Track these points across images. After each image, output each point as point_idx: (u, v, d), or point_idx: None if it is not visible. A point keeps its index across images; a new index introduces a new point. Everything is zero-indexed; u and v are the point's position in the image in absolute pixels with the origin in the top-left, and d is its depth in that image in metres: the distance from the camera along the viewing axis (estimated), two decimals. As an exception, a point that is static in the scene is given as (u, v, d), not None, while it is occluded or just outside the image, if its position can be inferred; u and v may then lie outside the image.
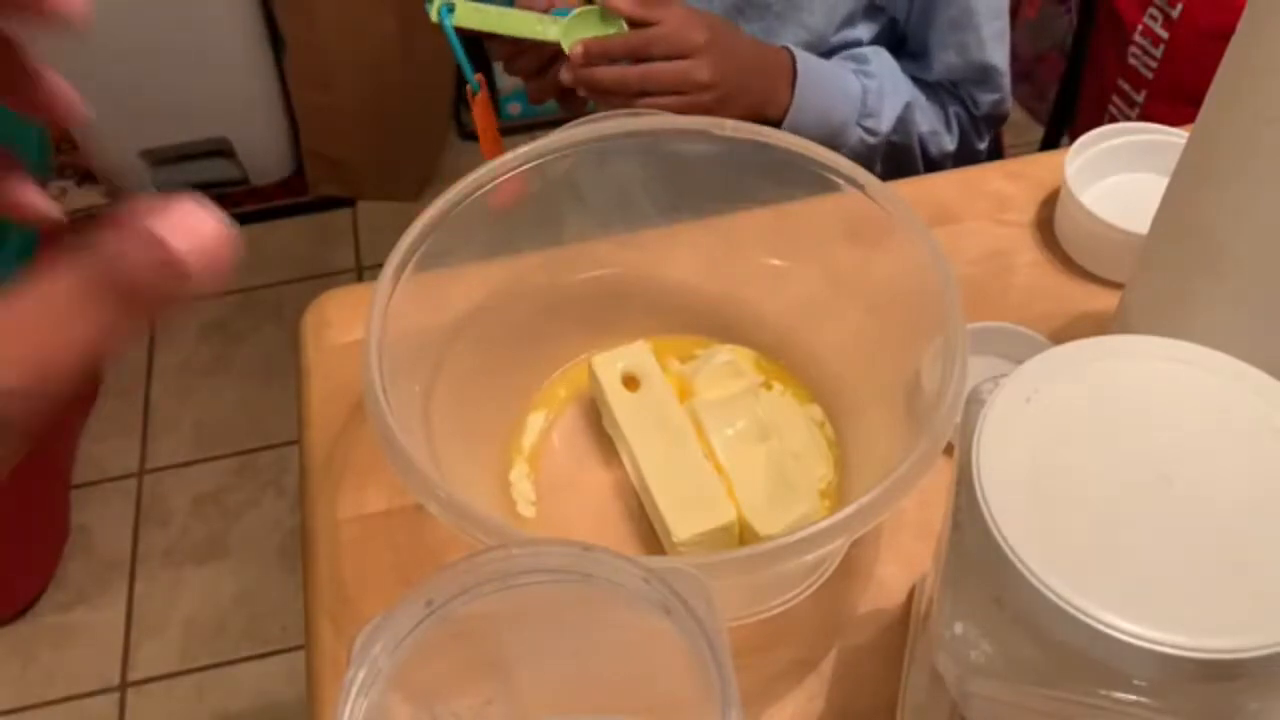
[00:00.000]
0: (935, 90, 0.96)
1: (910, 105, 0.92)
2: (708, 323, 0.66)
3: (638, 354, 0.62)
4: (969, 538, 0.36)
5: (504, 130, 0.88)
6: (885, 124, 0.91)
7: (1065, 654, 0.34)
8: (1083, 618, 0.32)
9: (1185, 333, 0.40)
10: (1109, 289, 0.70)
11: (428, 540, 0.59)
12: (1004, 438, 0.37)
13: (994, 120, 0.99)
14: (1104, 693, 0.34)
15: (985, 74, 0.94)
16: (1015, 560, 0.34)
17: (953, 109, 0.96)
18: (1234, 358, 0.38)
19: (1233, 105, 0.50)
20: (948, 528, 0.39)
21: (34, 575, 1.53)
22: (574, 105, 0.87)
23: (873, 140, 0.91)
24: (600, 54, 0.81)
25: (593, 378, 0.62)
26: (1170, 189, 0.56)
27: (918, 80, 0.95)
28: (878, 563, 0.58)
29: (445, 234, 0.56)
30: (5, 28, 0.28)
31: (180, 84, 1.77)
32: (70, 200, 1.95)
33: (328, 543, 0.61)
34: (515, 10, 0.84)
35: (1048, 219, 0.75)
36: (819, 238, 0.62)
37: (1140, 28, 1.39)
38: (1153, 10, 1.36)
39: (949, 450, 0.42)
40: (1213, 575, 0.33)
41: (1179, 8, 1.32)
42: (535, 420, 0.63)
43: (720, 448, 0.59)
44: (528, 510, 0.60)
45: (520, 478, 0.61)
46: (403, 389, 0.52)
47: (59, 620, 1.50)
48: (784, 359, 0.64)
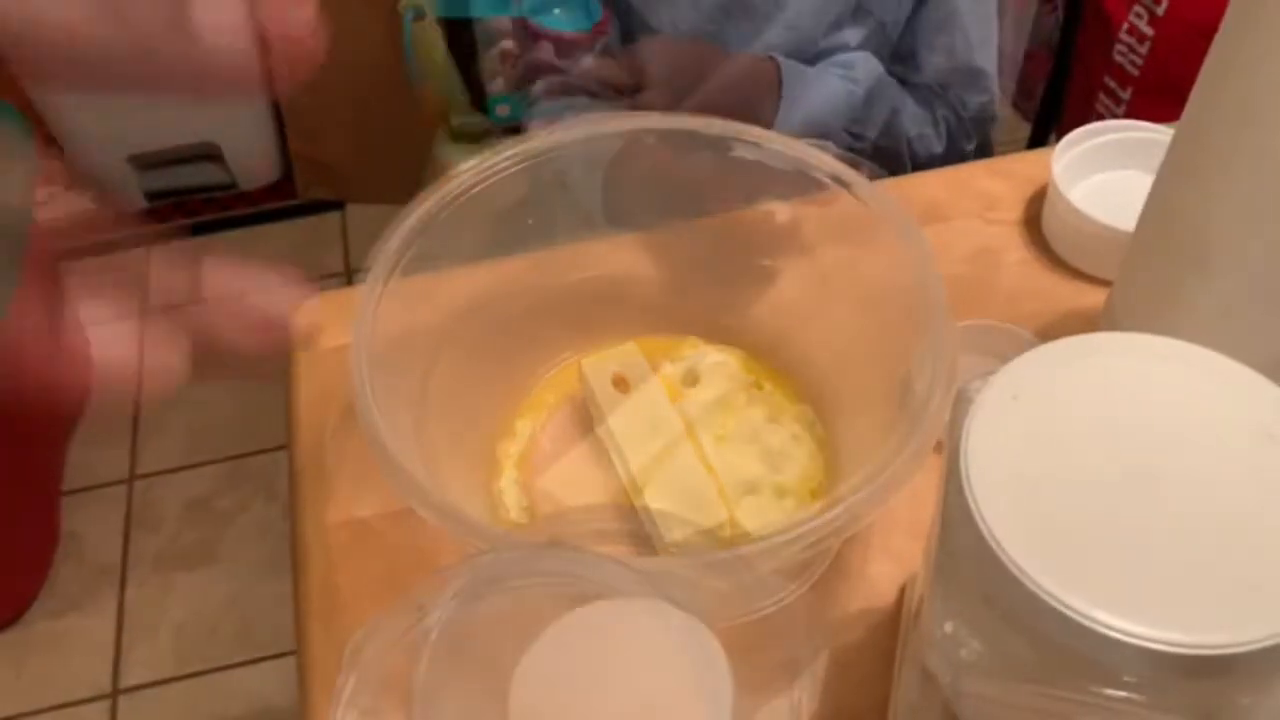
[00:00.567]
0: (923, 93, 0.96)
1: (897, 110, 0.93)
2: (697, 324, 0.66)
3: (628, 356, 0.62)
4: (958, 536, 0.36)
5: (492, 132, 0.88)
6: (872, 130, 0.91)
7: (1056, 651, 0.34)
8: (1072, 615, 0.32)
9: (1172, 329, 0.40)
10: (1097, 286, 0.70)
11: (418, 545, 0.59)
12: (993, 435, 0.37)
13: (982, 121, 0.99)
14: (1095, 689, 0.34)
15: (973, 76, 0.95)
16: (1004, 558, 0.34)
17: (941, 112, 0.96)
18: (1221, 354, 0.38)
19: (1216, 102, 0.50)
20: (937, 526, 0.39)
21: (25, 582, 1.52)
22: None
23: (860, 145, 0.91)
24: None
25: (583, 380, 0.62)
26: (1156, 186, 0.56)
27: (906, 83, 0.95)
28: (869, 561, 0.58)
29: (431, 237, 0.56)
30: None
31: (167, 88, 1.77)
32: (58, 205, 1.94)
33: (318, 547, 0.61)
34: None
35: (1035, 217, 0.75)
36: (807, 238, 0.62)
37: (1126, 25, 1.39)
38: (1138, 8, 1.37)
39: (939, 448, 0.42)
40: (1202, 571, 0.33)
41: (1164, 5, 1.33)
42: (524, 425, 0.63)
43: (710, 448, 0.59)
44: (518, 514, 0.60)
45: (510, 483, 0.61)
46: (391, 393, 0.52)
47: (50, 627, 1.50)
48: (774, 359, 0.64)
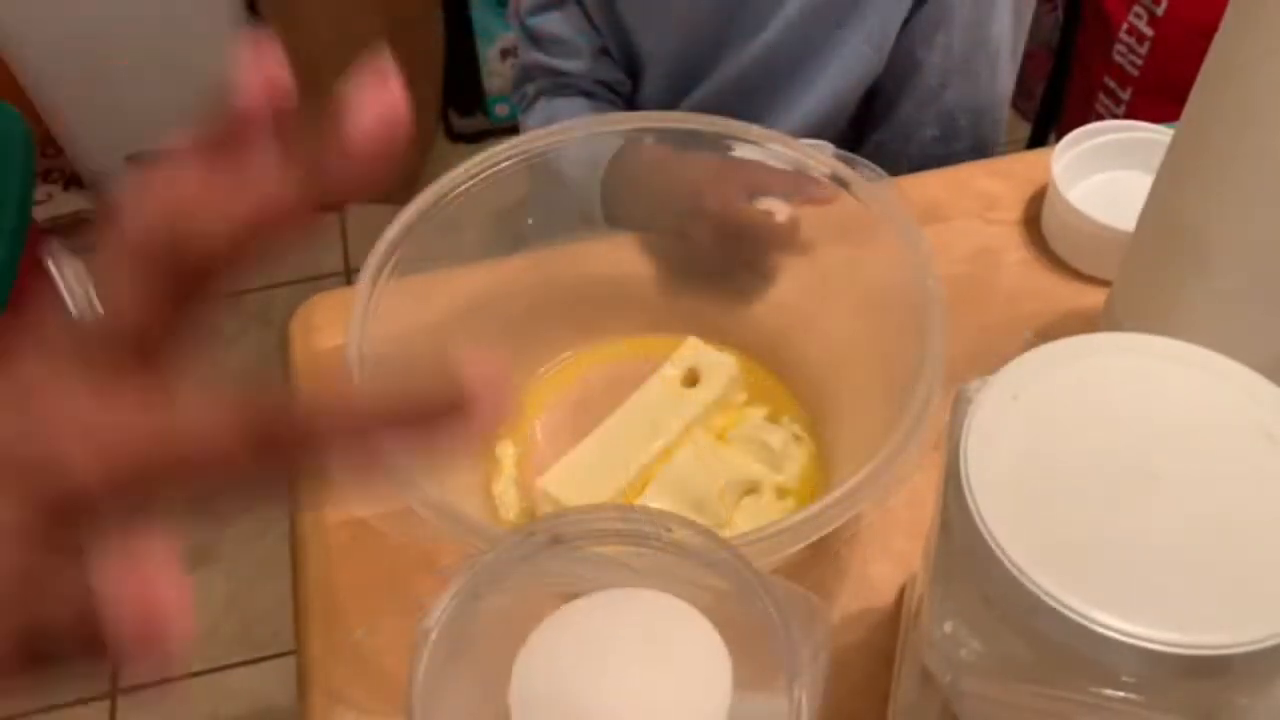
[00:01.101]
0: (922, 92, 0.95)
1: (897, 109, 0.92)
2: (697, 324, 0.65)
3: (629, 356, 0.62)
4: (957, 536, 0.36)
5: (492, 132, 0.88)
6: (872, 127, 0.91)
7: (1054, 651, 0.34)
8: (1071, 615, 0.32)
9: (1172, 329, 0.40)
10: (1096, 286, 0.70)
11: (418, 545, 0.59)
12: (992, 436, 0.37)
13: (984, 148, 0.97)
14: (1094, 689, 0.34)
15: (986, 114, 0.93)
16: (1003, 558, 0.34)
17: (940, 112, 0.95)
18: (1221, 354, 0.38)
19: (1216, 102, 0.50)
20: (937, 526, 0.39)
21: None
22: None
23: (859, 144, 0.91)
24: None
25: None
26: (1156, 186, 0.56)
27: (905, 83, 0.93)
28: (869, 562, 0.58)
29: (429, 236, 0.56)
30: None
31: (165, 88, 1.77)
32: (56, 205, 1.94)
33: (318, 547, 0.61)
34: None
35: (1035, 217, 0.75)
36: (807, 237, 0.62)
37: (1126, 25, 1.39)
38: (1138, 8, 1.37)
39: (938, 448, 0.42)
40: (1201, 571, 0.33)
41: (1164, 5, 1.33)
42: (524, 425, 0.63)
43: (710, 449, 0.59)
44: (518, 515, 0.60)
45: (509, 483, 0.61)
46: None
47: (49, 627, 1.50)
48: (773, 359, 0.64)
